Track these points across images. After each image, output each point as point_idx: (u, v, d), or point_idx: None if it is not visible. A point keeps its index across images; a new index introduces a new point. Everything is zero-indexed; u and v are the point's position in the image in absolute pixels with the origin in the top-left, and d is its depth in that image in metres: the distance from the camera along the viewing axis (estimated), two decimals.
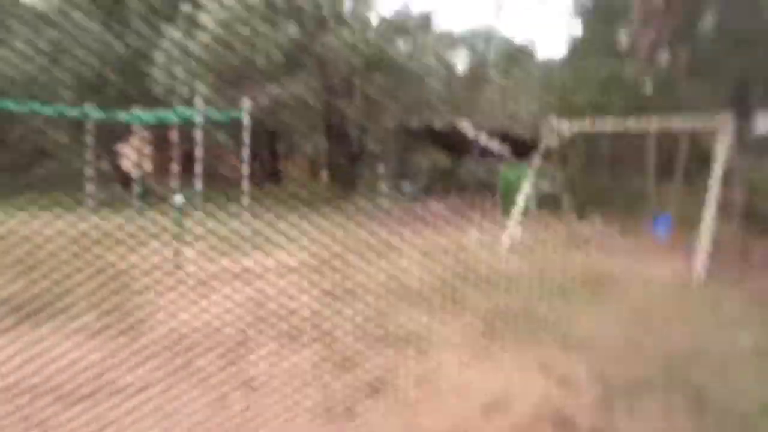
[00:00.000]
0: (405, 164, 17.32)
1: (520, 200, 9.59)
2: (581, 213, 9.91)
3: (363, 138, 17.14)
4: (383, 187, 15.16)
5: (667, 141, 9.63)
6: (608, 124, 9.52)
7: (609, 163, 11.68)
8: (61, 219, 5.35)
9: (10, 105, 10.81)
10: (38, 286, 4.11)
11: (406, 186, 15.52)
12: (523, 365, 3.91)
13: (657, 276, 6.68)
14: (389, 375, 3.57)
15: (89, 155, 11.96)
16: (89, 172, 11.88)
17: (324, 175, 17.96)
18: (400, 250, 6.00)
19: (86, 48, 14.08)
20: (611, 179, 11.45)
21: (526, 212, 9.60)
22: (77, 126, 12.54)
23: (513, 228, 9.07)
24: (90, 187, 11.72)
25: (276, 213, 5.63)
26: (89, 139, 11.96)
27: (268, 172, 16.61)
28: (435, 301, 5.04)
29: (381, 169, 16.07)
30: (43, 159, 14.08)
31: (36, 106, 11.30)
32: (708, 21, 14.94)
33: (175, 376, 3.15)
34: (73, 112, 11.95)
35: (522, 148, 12.16)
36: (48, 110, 11.72)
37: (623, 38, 15.68)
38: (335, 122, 16.18)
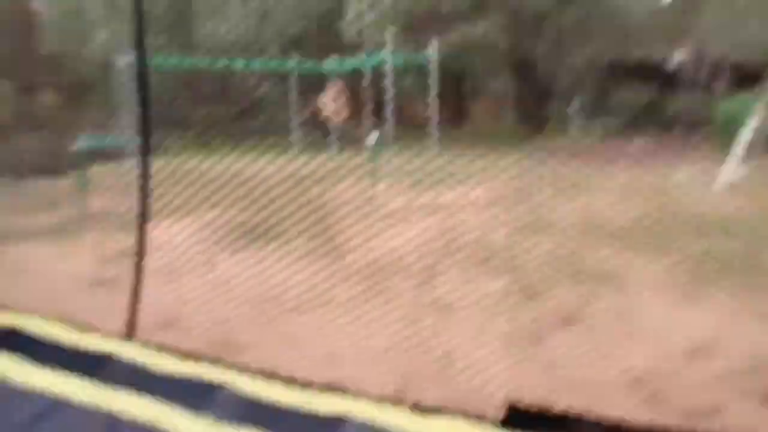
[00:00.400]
0: (602, 100, 16.00)
1: (744, 136, 8.30)
2: None
3: (554, 75, 16.16)
4: (576, 124, 14.27)
5: None
6: None
7: None
8: (274, 162, 6.00)
9: (230, 63, 12.29)
10: (261, 215, 4.71)
11: (603, 122, 14.39)
12: (736, 312, 3.49)
13: None
14: (583, 310, 3.46)
15: (293, 104, 13.16)
16: (294, 119, 13.10)
17: (512, 115, 17.41)
18: (597, 187, 5.64)
19: (287, 5, 15.28)
20: None
21: (750, 150, 8.30)
22: (282, 79, 13.84)
23: (733, 166, 7.93)
24: (295, 133, 12.93)
25: (463, 152, 5.64)
26: (292, 90, 13.12)
27: (455, 113, 16.59)
28: (635, 241, 4.69)
29: (574, 106, 15.09)
30: (257, 110, 15.82)
31: (249, 62, 12.68)
32: None
33: (372, 294, 3.42)
34: (278, 66, 13.17)
35: (746, 77, 10.46)
36: (258, 65, 13.08)
37: None
38: (524, 60, 15.47)
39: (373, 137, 6.77)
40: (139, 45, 3.03)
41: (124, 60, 10.41)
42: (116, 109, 10.68)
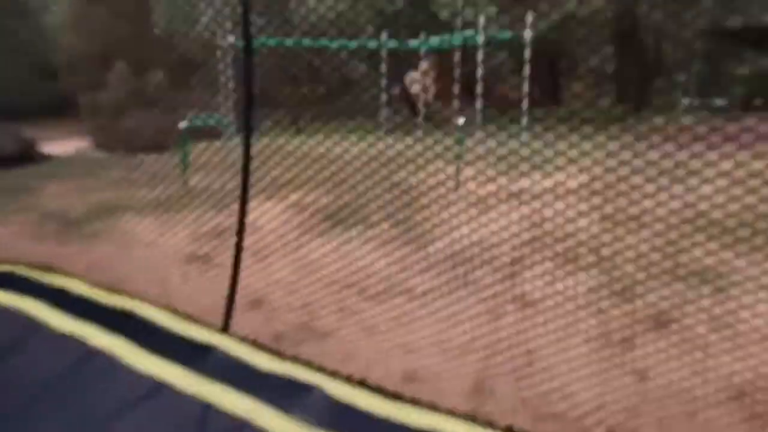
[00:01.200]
0: (716, 73, 14.66)
1: None
2: None
3: (661, 46, 15.01)
4: (685, 101, 13.21)
5: None
6: None
7: None
8: (362, 142, 6.05)
9: (324, 42, 12.46)
10: (345, 198, 4.79)
11: (717, 99, 13.22)
12: None
13: None
14: (678, 311, 3.23)
15: (384, 83, 13.17)
16: (383, 98, 13.12)
17: (612, 94, 16.44)
18: (703, 175, 5.20)
19: None
20: None
21: None
22: (374, 57, 13.85)
23: None
24: (384, 112, 12.97)
25: (557, 133, 5.39)
26: (383, 68, 13.12)
27: (550, 90, 15.91)
28: (741, 236, 4.29)
29: (683, 81, 13.95)
30: (348, 88, 15.99)
31: (342, 41, 12.79)
32: None
33: (453, 285, 3.38)
34: (371, 44, 13.19)
35: None
36: (352, 44, 13.16)
37: None
38: (628, 31, 14.47)
39: (461, 119, 6.64)
40: (245, 27, 3.12)
41: (229, 41, 10.85)
42: (220, 89, 11.19)
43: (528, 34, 9.82)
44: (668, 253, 3.99)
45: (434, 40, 12.52)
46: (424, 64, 13.60)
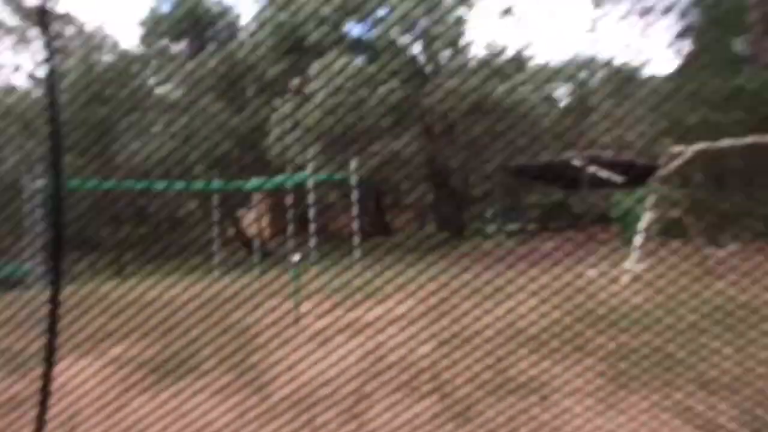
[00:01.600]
0: (514, 203, 16.99)
1: (641, 228, 9.01)
2: (711, 238, 9.08)
3: (469, 182, 17.13)
4: (492, 228, 14.95)
5: None
6: (733, 141, 8.77)
7: (739, 183, 10.70)
8: (194, 283, 5.84)
9: (152, 185, 12.18)
10: (174, 347, 4.48)
11: (515, 225, 15.19)
12: (656, 410, 3.59)
13: None
14: (511, 423, 3.43)
15: (215, 223, 13.06)
16: (216, 237, 12.93)
17: (431, 222, 18.09)
18: (514, 293, 5.83)
19: (210, 128, 15.60)
20: (743, 200, 10.46)
21: (648, 241, 8.99)
22: (205, 196, 13.81)
23: (635, 259, 8.51)
24: (217, 252, 12.71)
25: (386, 263, 5.74)
26: (215, 208, 13.08)
27: (378, 225, 17.02)
28: (555, 345, 4.81)
29: (489, 210, 15.89)
30: (178, 227, 15.53)
31: (171, 183, 12.61)
32: None
33: (296, 427, 3.25)
34: (200, 186, 13.18)
35: (637, 174, 11.52)
36: (180, 186, 13.02)
37: (740, 48, 14.54)
38: (440, 170, 16.36)
39: (296, 256, 6.79)
40: (55, 167, 2.95)
41: (36, 183, 10.11)
42: (24, 234, 10.18)
43: (354, 174, 10.66)
44: (497, 368, 4.30)
45: (265, 182, 12.94)
46: (258, 204, 13.85)
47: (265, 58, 15.63)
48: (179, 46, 18.97)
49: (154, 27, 18.41)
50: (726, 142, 8.77)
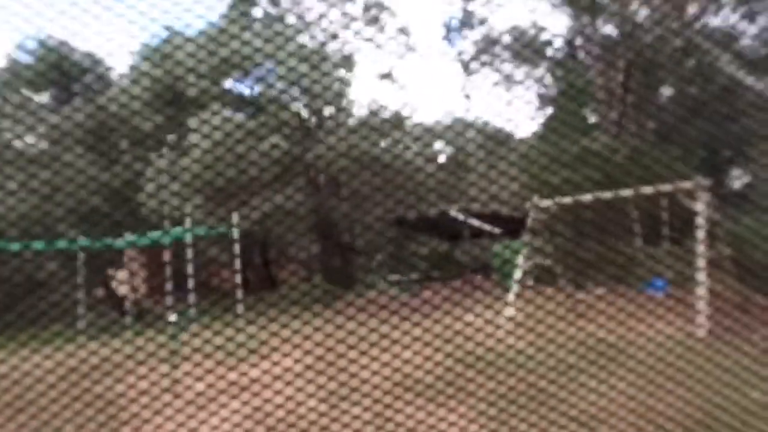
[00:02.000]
0: (400, 255, 17.45)
1: (517, 276, 9.64)
2: (577, 283, 9.92)
3: (355, 235, 17.37)
4: (379, 280, 15.18)
5: (650, 206, 9.87)
6: (589, 196, 9.77)
7: (597, 233, 11.86)
8: (57, 350, 5.28)
9: (6, 246, 11.00)
10: (28, 428, 4.00)
11: (400, 277, 15.57)
12: None
13: (661, 338, 6.57)
14: None
15: (81, 282, 12.02)
16: (82, 299, 11.88)
17: (318, 276, 17.99)
18: (400, 342, 5.92)
19: (76, 183, 14.51)
20: (600, 248, 11.57)
21: (523, 287, 9.62)
22: (69, 255, 12.69)
23: (512, 304, 9.03)
24: (84, 314, 11.65)
25: (271, 318, 5.60)
26: (81, 267, 12.06)
27: (262, 279, 16.61)
28: (440, 392, 4.91)
29: (376, 262, 16.16)
30: (38, 290, 14.08)
31: (29, 243, 11.48)
32: (667, 92, 15.81)
33: None
34: (64, 244, 12.12)
35: (512, 226, 12.36)
36: (40, 245, 11.88)
37: (590, 115, 16.46)
38: (326, 223, 16.46)
39: (173, 316, 6.42)
40: None
41: None
42: None
43: (235, 227, 10.43)
44: (381, 422, 4.30)
45: (140, 239, 12.21)
46: (127, 262, 12.98)
47: (140, 111, 15.06)
48: (42, 98, 17.76)
49: (13, 76, 17.09)
50: (583, 197, 9.76)
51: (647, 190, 9.04)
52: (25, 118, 16.01)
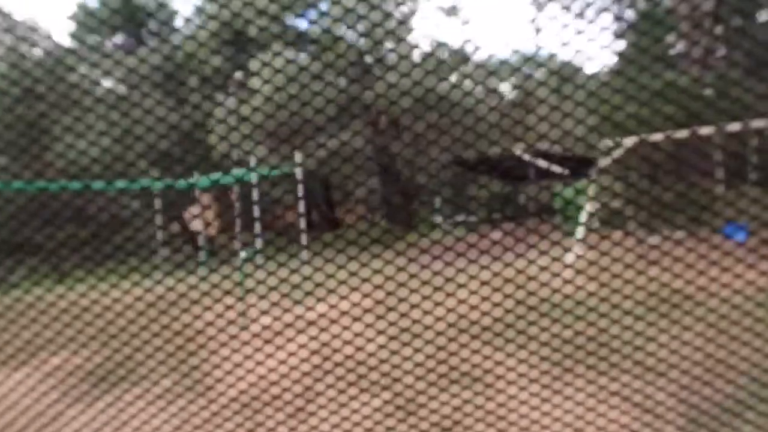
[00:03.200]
0: (461, 196, 17.27)
1: (582, 219, 9.32)
2: (648, 227, 9.48)
3: (416, 176, 17.27)
4: (439, 221, 15.14)
5: (736, 144, 9.17)
6: (668, 134, 9.16)
7: (675, 174, 11.20)
8: (138, 285, 5.63)
9: (90, 184, 11.65)
10: (118, 355, 4.32)
11: (462, 217, 15.44)
12: (599, 396, 3.72)
13: (738, 288, 6.23)
14: (458, 414, 3.49)
15: (159, 220, 12.66)
16: (160, 236, 12.54)
17: (380, 216, 18.15)
18: (461, 284, 5.89)
19: (151, 124, 15.02)
20: (678, 189, 10.94)
21: (588, 231, 9.31)
22: (148, 194, 13.35)
23: (576, 249, 8.78)
24: (162, 251, 12.33)
25: (335, 260, 5.69)
26: (158, 206, 12.68)
27: (326, 220, 16.96)
28: (501, 335, 4.90)
29: (437, 203, 16.07)
30: (120, 227, 14.98)
31: (111, 181, 12.11)
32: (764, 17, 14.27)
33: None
34: (142, 184, 12.72)
35: (579, 166, 11.88)
36: (121, 184, 12.52)
37: (673, 45, 15.20)
38: (387, 164, 16.43)
39: (243, 254, 6.67)
40: None
41: None
42: None
43: (299, 168, 10.56)
44: (445, 363, 4.35)
45: (208, 180, 12.62)
46: (203, 199, 13.51)
47: (207, 51, 15.23)
48: (114, 42, 18.30)
49: (85, 22, 17.61)
50: (658, 136, 9.17)
51: (733, 126, 8.38)
52: (101, 62, 16.54)
